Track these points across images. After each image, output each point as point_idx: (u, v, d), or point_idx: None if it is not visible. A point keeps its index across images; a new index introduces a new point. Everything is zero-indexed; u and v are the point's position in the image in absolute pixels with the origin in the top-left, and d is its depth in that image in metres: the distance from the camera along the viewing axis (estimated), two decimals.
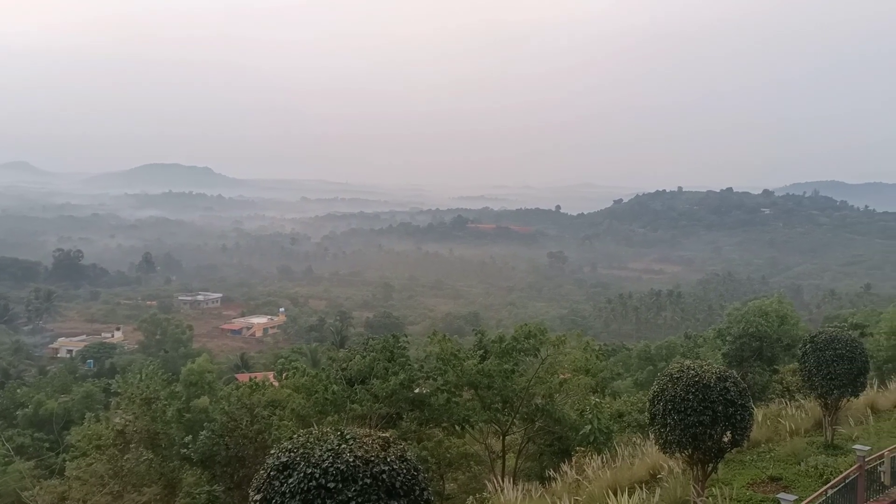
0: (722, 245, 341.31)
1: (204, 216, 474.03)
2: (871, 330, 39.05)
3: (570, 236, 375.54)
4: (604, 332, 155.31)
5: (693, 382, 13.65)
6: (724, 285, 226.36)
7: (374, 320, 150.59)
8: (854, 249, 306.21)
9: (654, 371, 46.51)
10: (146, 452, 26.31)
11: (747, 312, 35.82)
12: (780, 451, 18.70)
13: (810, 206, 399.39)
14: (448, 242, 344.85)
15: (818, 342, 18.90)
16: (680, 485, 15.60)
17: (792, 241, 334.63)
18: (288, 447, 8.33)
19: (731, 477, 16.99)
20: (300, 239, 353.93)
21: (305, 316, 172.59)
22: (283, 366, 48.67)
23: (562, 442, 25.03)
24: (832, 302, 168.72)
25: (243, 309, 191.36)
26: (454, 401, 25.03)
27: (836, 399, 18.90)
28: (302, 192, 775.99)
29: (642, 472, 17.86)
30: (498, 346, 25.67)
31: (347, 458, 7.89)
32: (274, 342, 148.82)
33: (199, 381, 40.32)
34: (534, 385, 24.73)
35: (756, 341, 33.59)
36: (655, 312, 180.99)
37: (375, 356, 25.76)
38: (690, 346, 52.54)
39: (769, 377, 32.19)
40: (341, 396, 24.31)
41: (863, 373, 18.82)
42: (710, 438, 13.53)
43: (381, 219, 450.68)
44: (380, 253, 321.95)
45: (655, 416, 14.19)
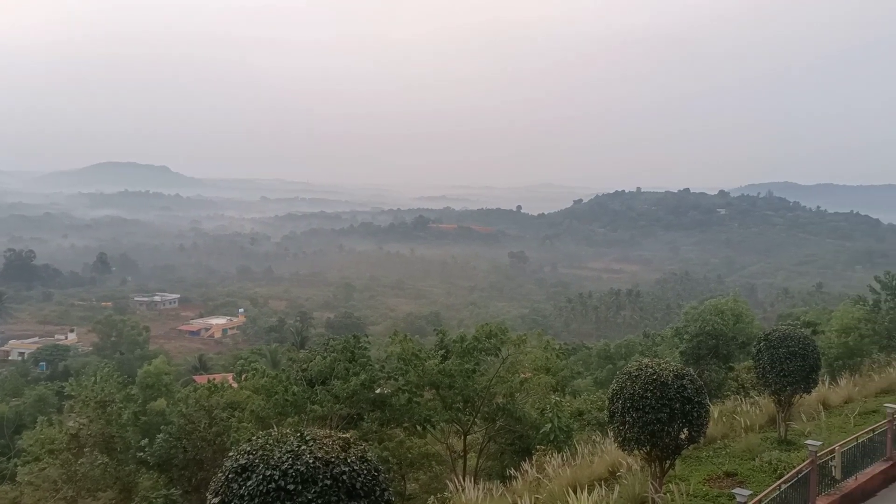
0: (679, 245, 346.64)
1: (161, 216, 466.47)
2: (822, 328, 39.94)
3: (531, 236, 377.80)
4: (564, 332, 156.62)
5: (651, 380, 13.82)
6: (681, 284, 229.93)
7: (335, 321, 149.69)
8: (806, 249, 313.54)
9: (613, 369, 47.02)
10: (101, 456, 25.78)
11: (704, 311, 36.41)
12: (736, 446, 19.03)
13: (764, 207, 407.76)
14: (410, 242, 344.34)
15: (772, 340, 19.28)
16: (638, 481, 15.79)
17: (747, 240, 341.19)
18: (247, 449, 8.23)
19: (687, 473, 17.25)
20: (260, 239, 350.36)
21: (265, 317, 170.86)
22: (242, 367, 48.12)
23: (523, 441, 25.15)
24: (785, 300, 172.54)
25: (202, 310, 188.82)
26: (415, 401, 25.01)
27: (790, 395, 19.30)
28: (262, 192, 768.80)
29: (602, 470, 18.04)
30: (459, 345, 25.71)
31: (307, 460, 7.83)
32: (233, 343, 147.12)
33: (155, 384, 39.74)
34: (495, 384, 24.82)
35: (712, 339, 34.16)
36: (615, 311, 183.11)
37: (336, 357, 25.61)
38: (649, 345, 53.32)
39: (725, 374, 32.73)
40: (301, 397, 24.11)
41: (815, 370, 19.25)
42: (667, 435, 13.71)
43: (342, 219, 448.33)
44: (341, 253, 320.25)
45: (614, 413, 14.34)
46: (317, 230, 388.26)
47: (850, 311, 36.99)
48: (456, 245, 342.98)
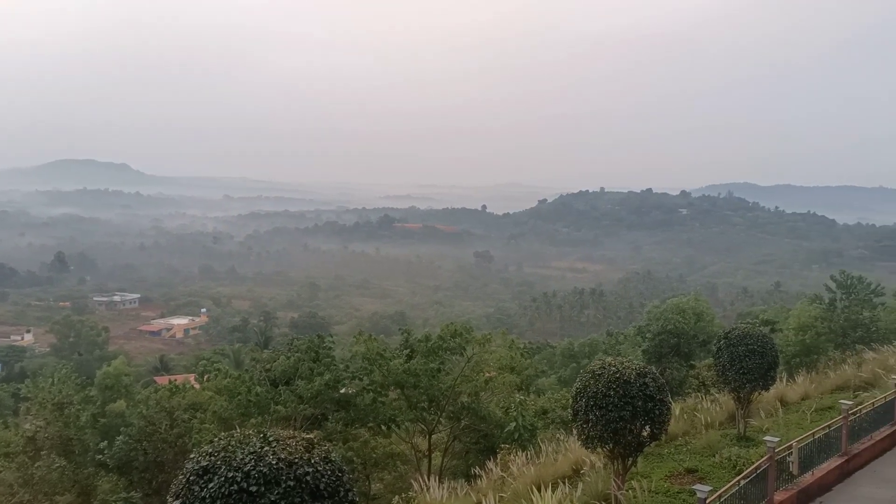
0: (642, 244, 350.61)
1: (121, 214, 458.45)
2: (780, 326, 40.68)
3: (496, 236, 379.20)
4: (529, 331, 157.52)
5: (614, 379, 13.96)
6: (644, 284, 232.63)
7: (299, 320, 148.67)
8: (765, 249, 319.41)
9: (577, 368, 47.42)
10: (58, 459, 25.32)
11: (666, 310, 36.87)
12: (696, 443, 19.31)
13: (725, 207, 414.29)
14: (375, 242, 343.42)
15: (731, 338, 19.60)
16: (601, 479, 15.94)
17: (708, 240, 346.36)
18: (208, 451, 8.12)
19: (649, 470, 17.45)
20: (223, 238, 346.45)
21: (228, 316, 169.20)
22: (204, 368, 47.50)
23: (487, 439, 25.23)
24: (745, 299, 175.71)
25: (163, 310, 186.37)
26: (380, 400, 24.96)
27: (749, 392, 19.63)
28: (225, 190, 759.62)
29: (565, 468, 18.17)
30: (424, 345, 25.70)
31: (270, 461, 7.75)
32: (195, 343, 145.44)
33: (115, 385, 39.11)
34: (460, 384, 24.86)
35: (674, 338, 34.62)
36: (579, 310, 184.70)
37: (300, 357, 25.43)
38: (612, 344, 53.80)
39: (686, 372, 33.18)
40: (265, 398, 23.89)
41: (773, 367, 19.62)
42: (630, 433, 13.86)
43: (306, 217, 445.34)
44: (305, 252, 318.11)
45: (578, 412, 14.45)
46: (281, 229, 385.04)
47: (807, 310, 37.74)
48: (421, 244, 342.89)
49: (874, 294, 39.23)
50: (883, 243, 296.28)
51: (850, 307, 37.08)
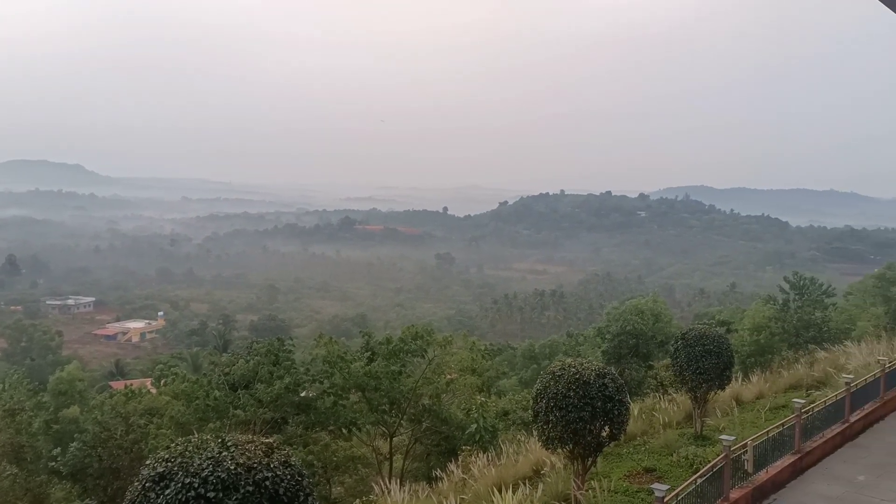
0: (601, 246, 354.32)
1: (75, 216, 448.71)
2: (736, 326, 41.45)
3: (458, 237, 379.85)
4: (490, 332, 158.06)
5: (574, 380, 14.09)
6: (603, 285, 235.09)
7: (258, 323, 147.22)
8: (721, 250, 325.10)
9: (537, 369, 47.73)
10: (10, 467, 24.71)
11: (625, 311, 37.35)
12: (655, 443, 19.57)
13: (682, 210, 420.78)
14: (335, 244, 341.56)
15: (688, 339, 19.92)
16: (561, 479, 16.07)
17: (665, 242, 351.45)
18: (165, 456, 8.00)
19: (609, 470, 17.64)
20: (180, 240, 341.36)
21: (186, 320, 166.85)
22: (161, 372, 46.83)
23: (448, 441, 25.26)
24: (701, 300, 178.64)
25: (119, 313, 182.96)
26: (341, 403, 24.82)
27: (705, 392, 19.97)
28: (182, 192, 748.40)
29: (526, 469, 18.27)
30: (385, 347, 25.65)
31: (228, 466, 7.65)
32: (152, 348, 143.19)
33: (68, 391, 38.37)
34: (421, 386, 24.86)
35: (633, 339, 35.08)
36: (539, 312, 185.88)
37: (260, 360, 25.19)
38: (572, 345, 54.27)
39: (645, 373, 33.62)
40: (224, 402, 23.59)
41: (729, 367, 19.99)
42: (589, 433, 14.00)
43: (265, 219, 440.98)
44: (265, 254, 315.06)
45: (538, 413, 14.55)
46: (240, 231, 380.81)
47: (762, 311, 38.51)
48: (382, 246, 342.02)
49: (825, 295, 40.18)
50: (833, 245, 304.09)
51: (803, 308, 37.93)
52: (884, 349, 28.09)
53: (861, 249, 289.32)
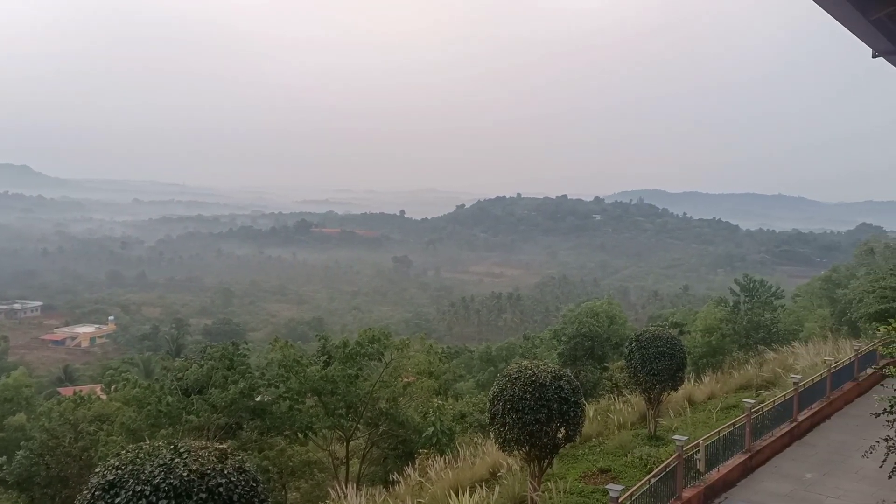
0: (557, 249, 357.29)
1: (22, 218, 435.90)
2: (688, 328, 42.17)
3: (415, 241, 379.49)
4: (447, 335, 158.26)
5: (530, 382, 14.18)
6: (559, 288, 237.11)
7: (212, 327, 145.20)
8: (674, 253, 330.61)
9: (495, 372, 47.87)
10: None
11: (580, 314, 37.74)
12: (610, 444, 19.81)
13: (636, 213, 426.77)
14: (291, 247, 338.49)
15: (642, 340, 20.22)
16: (518, 481, 16.16)
17: (620, 245, 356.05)
18: (115, 464, 7.82)
19: (565, 471, 17.79)
20: (132, 243, 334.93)
21: (138, 324, 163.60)
22: (112, 378, 45.77)
23: (405, 445, 25.20)
24: (655, 302, 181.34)
25: (67, 318, 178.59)
26: (297, 408, 24.57)
27: (659, 393, 20.28)
28: (134, 194, 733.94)
29: (483, 471, 18.33)
30: (342, 351, 25.48)
31: (181, 473, 7.52)
32: (102, 353, 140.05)
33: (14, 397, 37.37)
34: (378, 389, 24.76)
35: (588, 341, 35.44)
36: (496, 315, 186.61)
37: (214, 364, 24.79)
38: (529, 347, 54.52)
39: (600, 374, 33.97)
40: (176, 408, 23.15)
41: (681, 368, 20.34)
42: (545, 435, 14.11)
43: (220, 222, 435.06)
44: (219, 257, 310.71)
45: (495, 415, 14.61)
46: (193, 234, 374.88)
47: (713, 312, 39.22)
48: (339, 249, 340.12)
49: (774, 297, 41.07)
50: (782, 248, 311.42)
51: (753, 309, 38.70)
52: (830, 350, 28.86)
53: (808, 252, 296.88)
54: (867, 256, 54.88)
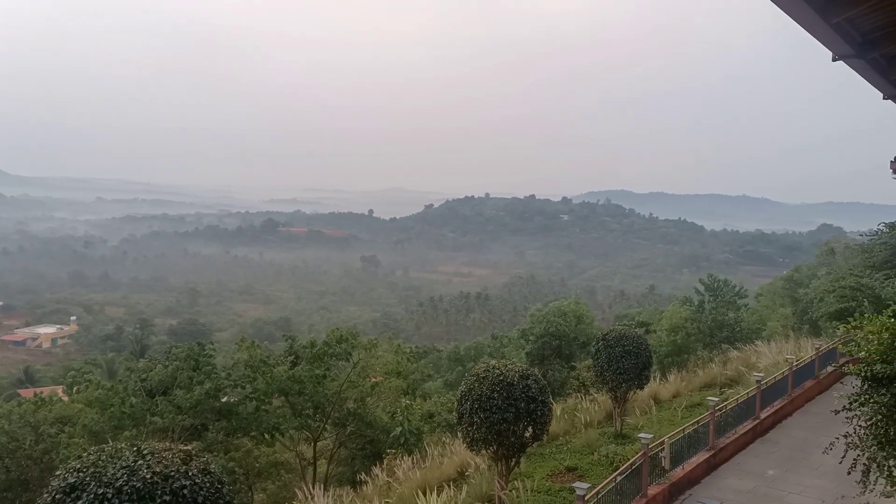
0: (525, 249, 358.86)
1: None
2: (654, 327, 42.59)
3: (383, 240, 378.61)
4: (415, 335, 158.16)
5: (498, 381, 14.22)
6: (527, 287, 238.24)
7: (178, 327, 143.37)
8: (640, 253, 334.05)
9: (463, 371, 47.93)
10: None
11: (548, 313, 37.91)
12: (576, 442, 19.94)
13: (603, 214, 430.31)
14: (258, 246, 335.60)
15: (609, 340, 20.40)
16: (485, 480, 16.21)
17: (587, 245, 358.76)
18: (77, 466, 7.69)
19: (532, 470, 17.87)
20: (95, 242, 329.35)
21: (101, 325, 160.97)
22: (74, 379, 45.00)
23: (373, 445, 25.14)
24: (622, 302, 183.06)
25: (28, 318, 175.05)
26: (263, 409, 24.37)
27: (625, 392, 20.47)
28: (98, 192, 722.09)
29: (451, 471, 18.34)
30: (309, 351, 25.32)
31: (144, 475, 7.42)
32: (64, 354, 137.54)
33: None
34: (345, 389, 24.64)
35: (556, 340, 35.64)
36: (465, 314, 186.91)
37: (179, 365, 24.49)
38: (497, 347, 54.70)
39: (567, 373, 34.18)
40: (140, 409, 22.83)
41: (647, 367, 20.56)
42: (513, 434, 14.16)
43: (186, 221, 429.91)
44: (185, 257, 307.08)
45: (463, 415, 14.63)
46: (159, 233, 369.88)
47: (678, 312, 39.66)
48: (307, 249, 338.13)
49: (738, 296, 41.63)
50: (745, 248, 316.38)
51: (717, 309, 39.18)
52: (792, 348, 29.38)
53: (770, 252, 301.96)
54: (828, 256, 55.91)
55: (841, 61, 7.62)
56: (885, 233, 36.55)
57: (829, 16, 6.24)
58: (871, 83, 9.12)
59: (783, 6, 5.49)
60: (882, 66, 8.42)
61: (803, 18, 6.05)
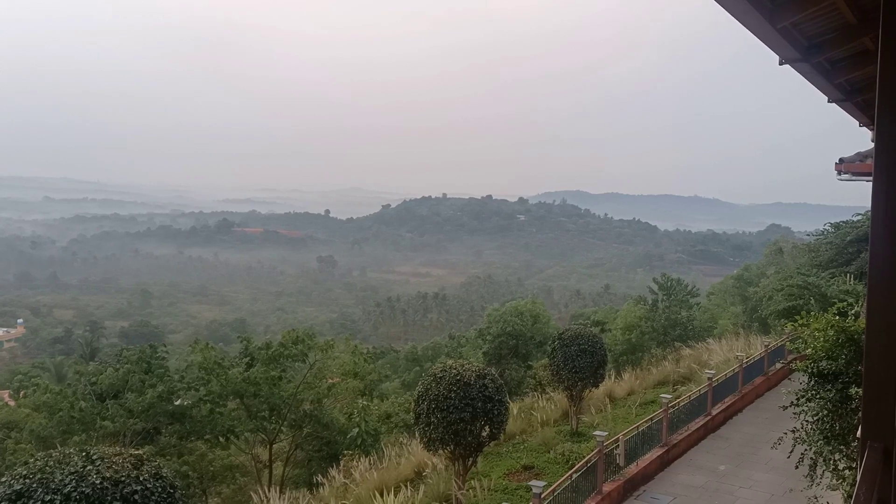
0: (483, 249, 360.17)
1: None
2: (609, 326, 43.06)
3: (340, 240, 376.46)
4: (373, 335, 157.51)
5: (455, 381, 14.27)
6: (484, 287, 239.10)
7: (129, 330, 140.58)
8: (596, 253, 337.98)
9: (420, 372, 47.90)
10: None
11: (505, 313, 38.10)
12: (533, 441, 20.09)
13: (559, 214, 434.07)
14: (213, 247, 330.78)
15: (565, 338, 20.60)
16: (443, 480, 16.23)
17: (544, 245, 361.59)
18: (23, 473, 7.50)
19: (489, 469, 17.95)
20: (42, 242, 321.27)
21: (49, 327, 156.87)
22: (21, 383, 43.94)
23: (330, 447, 24.97)
24: (578, 301, 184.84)
25: None
26: (218, 411, 24.04)
27: (581, 390, 20.70)
28: (45, 191, 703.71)
29: (408, 471, 18.33)
30: (265, 352, 25.05)
31: (94, 481, 7.26)
32: (10, 357, 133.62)
33: None
34: (302, 391, 24.43)
35: (513, 339, 35.83)
36: (422, 314, 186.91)
37: (130, 368, 24.05)
38: (454, 347, 54.76)
39: (524, 373, 34.38)
40: (90, 413, 22.36)
41: (602, 365, 20.82)
42: (470, 434, 14.22)
43: (138, 221, 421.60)
44: (137, 258, 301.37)
45: (420, 415, 14.65)
46: (109, 233, 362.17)
47: (633, 310, 40.20)
48: (262, 249, 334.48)
49: (690, 295, 42.35)
50: (697, 248, 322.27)
51: (670, 307, 39.82)
52: (742, 345, 30.00)
53: (721, 252, 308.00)
54: (776, 256, 57.09)
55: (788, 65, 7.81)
56: (831, 233, 37.52)
57: (776, 20, 6.39)
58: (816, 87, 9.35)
59: (732, 11, 5.61)
60: (827, 69, 8.66)
61: (752, 23, 6.18)
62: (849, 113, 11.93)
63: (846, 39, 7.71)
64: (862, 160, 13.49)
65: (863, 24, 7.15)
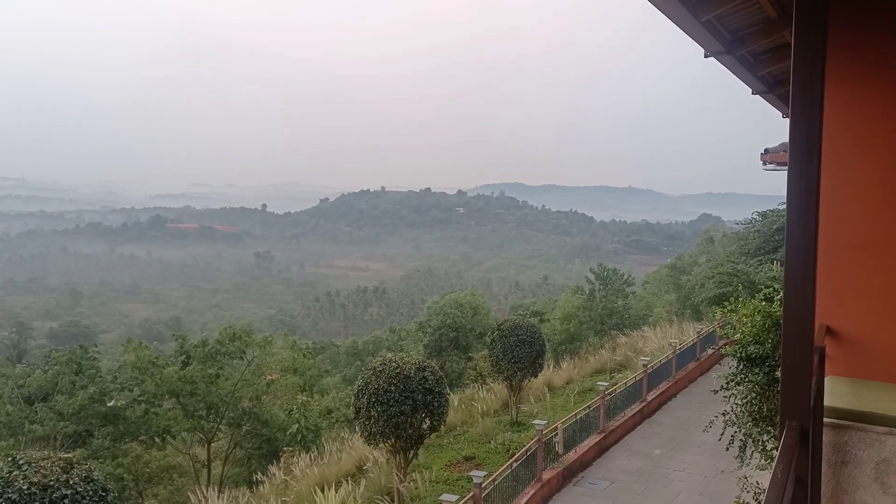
0: (422, 242, 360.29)
1: None
2: (548, 316, 43.69)
3: (277, 235, 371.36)
4: (312, 331, 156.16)
5: (395, 374, 14.29)
6: (424, 280, 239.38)
7: (59, 330, 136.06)
8: (534, 245, 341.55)
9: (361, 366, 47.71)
10: None
11: (445, 305, 38.24)
12: (474, 431, 20.26)
13: (497, 206, 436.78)
14: (145, 243, 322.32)
15: (504, 330, 20.82)
16: (384, 473, 16.24)
17: (483, 237, 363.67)
18: None
19: (430, 461, 18.04)
20: None
21: None
22: None
23: (270, 444, 24.69)
24: (517, 292, 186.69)
25: None
26: (153, 411, 23.53)
27: (520, 380, 20.96)
28: None
29: (349, 466, 18.29)
30: (201, 350, 24.60)
31: (21, 486, 7.04)
32: None
33: None
34: (240, 388, 24.08)
35: (453, 332, 36.00)
36: (362, 309, 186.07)
37: (60, 370, 23.37)
38: (395, 340, 54.75)
39: (465, 364, 34.62)
40: (18, 417, 21.63)
41: (541, 355, 21.12)
42: (410, 426, 14.27)
43: (65, 218, 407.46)
44: (65, 256, 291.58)
45: (360, 409, 14.61)
46: (35, 231, 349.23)
47: (571, 301, 40.82)
48: (197, 245, 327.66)
49: (626, 284, 43.19)
50: (632, 238, 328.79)
51: (607, 297, 40.54)
52: (675, 332, 30.82)
53: (655, 241, 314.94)
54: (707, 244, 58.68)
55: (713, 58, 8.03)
56: (758, 221, 38.81)
57: (699, 14, 6.56)
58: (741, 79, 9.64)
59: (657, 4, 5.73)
60: (749, 62, 8.93)
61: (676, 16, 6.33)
62: (772, 104, 12.33)
63: (767, 33, 7.98)
64: (785, 150, 13.99)
65: (782, 18, 7.40)
